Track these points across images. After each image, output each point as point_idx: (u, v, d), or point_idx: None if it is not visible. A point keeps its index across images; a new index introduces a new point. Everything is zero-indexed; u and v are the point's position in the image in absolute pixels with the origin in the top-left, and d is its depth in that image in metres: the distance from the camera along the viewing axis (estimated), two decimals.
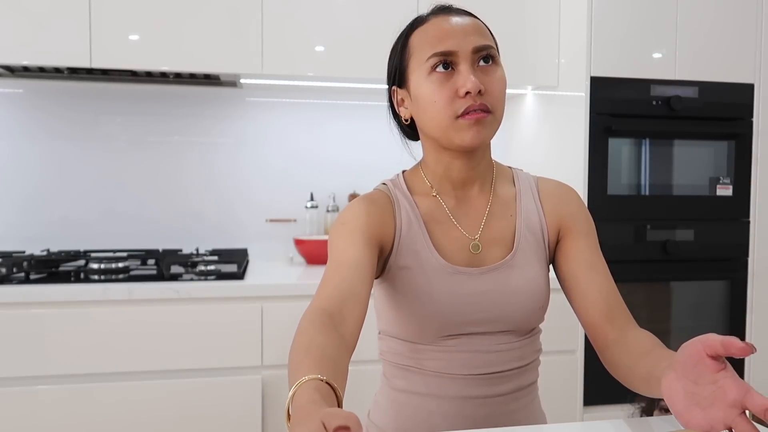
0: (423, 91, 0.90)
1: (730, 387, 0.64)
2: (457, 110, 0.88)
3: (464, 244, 0.95)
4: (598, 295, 0.92)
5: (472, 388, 0.93)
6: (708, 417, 0.65)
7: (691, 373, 0.67)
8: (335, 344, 0.71)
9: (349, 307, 0.79)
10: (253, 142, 2.39)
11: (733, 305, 2.16)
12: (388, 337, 0.98)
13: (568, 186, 1.04)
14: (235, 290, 1.80)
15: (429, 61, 0.89)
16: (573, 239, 0.97)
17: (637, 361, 0.82)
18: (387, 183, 1.00)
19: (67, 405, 1.72)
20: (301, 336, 0.72)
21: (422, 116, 0.92)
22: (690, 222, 2.11)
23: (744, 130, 2.14)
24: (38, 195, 2.25)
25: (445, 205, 0.97)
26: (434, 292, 0.91)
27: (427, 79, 0.89)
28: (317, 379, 0.62)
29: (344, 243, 0.88)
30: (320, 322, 0.74)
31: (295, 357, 0.68)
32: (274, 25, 2.03)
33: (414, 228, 0.94)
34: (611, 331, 0.90)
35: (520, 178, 1.02)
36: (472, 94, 0.86)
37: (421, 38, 0.91)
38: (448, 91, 0.88)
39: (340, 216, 0.93)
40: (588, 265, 0.95)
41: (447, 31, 0.89)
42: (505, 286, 0.93)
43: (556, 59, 2.22)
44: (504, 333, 0.94)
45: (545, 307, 0.97)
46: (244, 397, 1.80)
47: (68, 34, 1.91)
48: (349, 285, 0.81)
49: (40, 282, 1.77)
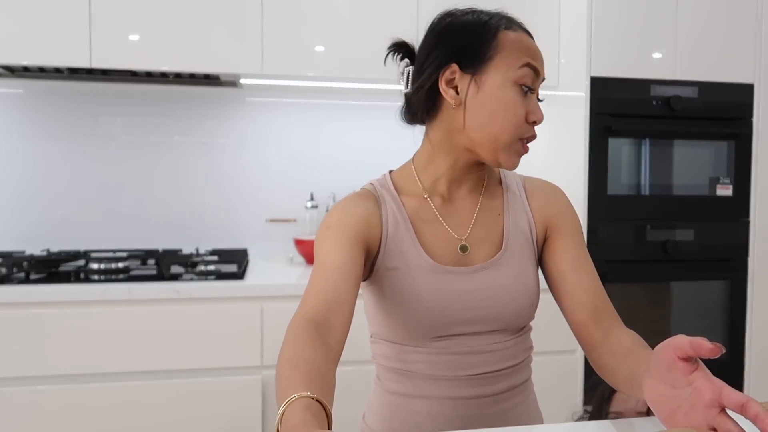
0: (504, 96, 0.87)
1: (705, 387, 0.64)
2: (523, 133, 0.88)
3: (452, 243, 0.94)
4: (585, 296, 0.92)
5: (465, 388, 0.92)
6: (691, 421, 0.65)
7: (667, 378, 0.67)
8: (323, 358, 0.71)
9: (335, 315, 0.79)
10: (252, 142, 2.40)
11: (733, 305, 2.16)
12: (379, 340, 0.98)
13: (554, 185, 1.03)
14: (235, 290, 1.80)
15: (522, 69, 0.87)
16: (560, 238, 0.97)
17: (619, 362, 0.81)
18: (374, 183, 0.99)
19: (67, 405, 1.72)
20: (288, 350, 0.72)
21: (485, 116, 0.87)
22: (690, 222, 2.11)
23: (744, 130, 2.14)
24: (38, 195, 2.25)
25: (433, 204, 0.96)
26: (423, 293, 0.90)
27: (513, 86, 0.87)
28: (307, 397, 0.62)
29: (329, 247, 0.87)
30: (307, 335, 0.73)
31: (283, 372, 0.68)
32: (274, 25, 2.03)
33: (401, 228, 0.93)
34: (597, 332, 0.90)
35: (507, 177, 1.02)
36: (537, 124, 0.88)
37: (515, 42, 0.88)
38: (524, 110, 0.87)
39: (326, 219, 0.92)
40: (575, 265, 0.94)
41: (535, 52, 0.89)
42: (494, 284, 0.92)
43: (556, 59, 2.22)
44: (494, 332, 0.93)
45: (536, 305, 0.97)
46: (244, 397, 1.80)
47: (68, 34, 1.91)
48: (335, 292, 0.81)
49: (40, 282, 1.77)
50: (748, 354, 2.18)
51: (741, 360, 2.17)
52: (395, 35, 0.99)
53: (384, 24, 2.08)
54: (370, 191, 0.96)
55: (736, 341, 2.17)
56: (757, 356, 2.19)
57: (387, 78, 2.11)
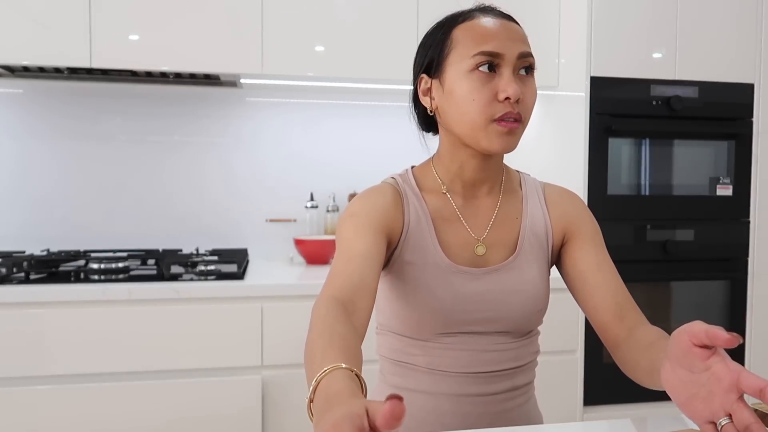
0: (462, 86, 0.88)
1: (723, 372, 0.63)
2: (494, 113, 0.87)
3: (470, 243, 0.95)
4: (607, 295, 0.93)
5: (467, 386, 0.93)
6: (709, 407, 0.64)
7: (684, 363, 0.67)
8: (353, 335, 0.70)
9: (359, 298, 0.79)
10: (252, 143, 2.39)
11: (733, 305, 2.16)
12: (386, 331, 0.99)
13: (574, 193, 1.05)
14: (235, 290, 1.80)
15: (474, 58, 0.87)
16: (579, 241, 0.98)
17: (642, 355, 0.82)
18: (396, 177, 1.00)
19: (67, 405, 1.72)
20: (320, 322, 0.71)
21: (454, 111, 0.90)
22: (690, 222, 2.11)
23: (744, 130, 2.14)
24: (38, 195, 2.25)
25: (454, 203, 0.97)
26: (437, 290, 0.91)
27: (468, 75, 0.87)
28: (348, 369, 0.60)
29: (354, 234, 0.87)
30: (337, 312, 0.73)
31: (317, 343, 0.67)
32: (274, 25, 2.03)
33: (422, 224, 0.94)
34: (621, 330, 0.90)
35: (527, 183, 1.03)
36: (510, 101, 0.86)
37: (466, 33, 0.89)
38: (488, 92, 0.87)
39: (349, 207, 0.93)
40: (595, 266, 0.95)
41: (495, 32, 0.88)
42: (504, 287, 0.94)
43: (556, 59, 2.22)
44: (501, 333, 0.94)
45: (544, 311, 0.98)
46: (244, 397, 1.80)
47: (68, 34, 1.91)
48: (360, 276, 0.81)
49: (40, 282, 1.77)
50: (748, 354, 2.18)
51: (741, 360, 2.17)
52: (395, 35, 1.00)
53: (384, 24, 2.08)
54: (393, 186, 0.97)
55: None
56: (757, 356, 2.19)
57: (387, 78, 2.11)
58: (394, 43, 2.08)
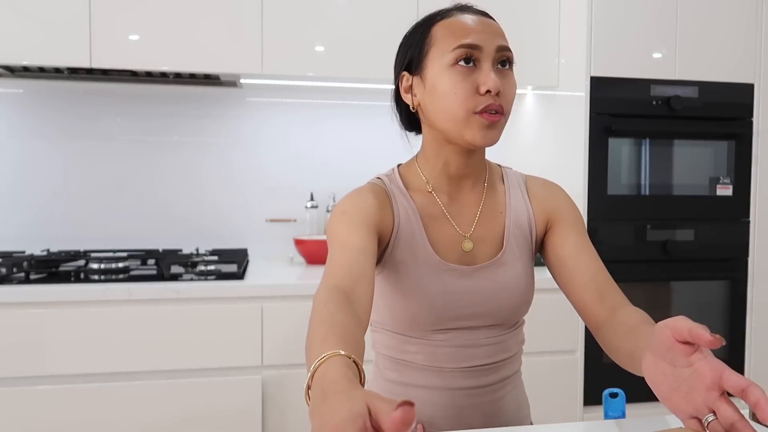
0: (443, 81, 0.89)
1: (705, 369, 0.63)
2: (475, 106, 0.88)
3: (457, 240, 0.97)
4: (586, 276, 0.94)
5: (461, 380, 0.95)
6: (692, 403, 0.64)
7: (666, 357, 0.67)
8: (354, 323, 0.71)
9: (361, 287, 0.79)
10: (252, 142, 2.39)
11: (733, 305, 2.16)
12: (380, 329, 1.00)
13: (555, 183, 1.06)
14: (235, 290, 1.80)
15: (454, 52, 0.89)
16: (560, 227, 1.00)
17: (622, 339, 0.82)
18: (382, 177, 1.01)
19: (67, 405, 1.72)
20: (321, 310, 0.71)
21: (436, 106, 0.91)
22: (690, 222, 2.11)
23: (744, 130, 2.14)
24: (38, 195, 2.25)
25: (440, 200, 0.98)
26: (428, 288, 0.93)
27: (449, 70, 0.89)
28: (346, 356, 0.60)
29: (347, 230, 0.87)
30: (338, 300, 0.73)
31: (318, 331, 0.67)
32: (274, 25, 2.03)
33: (412, 223, 0.95)
34: (602, 311, 0.91)
35: (509, 176, 1.04)
36: (491, 93, 0.87)
37: (445, 29, 0.91)
38: (469, 85, 0.88)
39: (339, 206, 0.93)
40: (575, 250, 0.97)
41: (473, 27, 0.90)
42: (494, 283, 0.95)
43: (556, 59, 2.22)
44: (491, 327, 0.97)
45: (530, 302, 1.01)
46: (244, 397, 1.80)
47: (68, 34, 1.91)
48: (359, 266, 0.81)
49: (40, 282, 1.77)
50: (748, 354, 2.18)
51: (741, 360, 2.17)
52: (395, 35, 1.01)
53: (384, 24, 2.08)
54: (380, 186, 0.98)
55: (736, 341, 2.17)
56: (757, 356, 2.19)
57: (387, 78, 2.11)
58: (394, 44, 2.07)
